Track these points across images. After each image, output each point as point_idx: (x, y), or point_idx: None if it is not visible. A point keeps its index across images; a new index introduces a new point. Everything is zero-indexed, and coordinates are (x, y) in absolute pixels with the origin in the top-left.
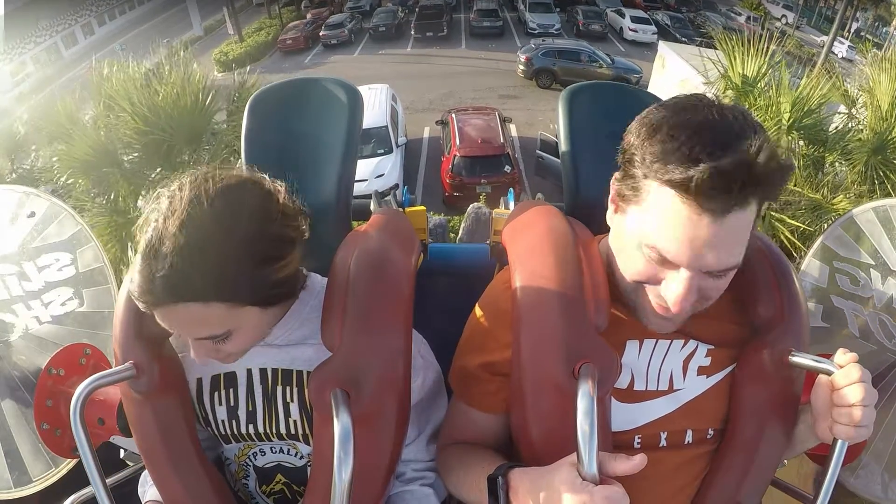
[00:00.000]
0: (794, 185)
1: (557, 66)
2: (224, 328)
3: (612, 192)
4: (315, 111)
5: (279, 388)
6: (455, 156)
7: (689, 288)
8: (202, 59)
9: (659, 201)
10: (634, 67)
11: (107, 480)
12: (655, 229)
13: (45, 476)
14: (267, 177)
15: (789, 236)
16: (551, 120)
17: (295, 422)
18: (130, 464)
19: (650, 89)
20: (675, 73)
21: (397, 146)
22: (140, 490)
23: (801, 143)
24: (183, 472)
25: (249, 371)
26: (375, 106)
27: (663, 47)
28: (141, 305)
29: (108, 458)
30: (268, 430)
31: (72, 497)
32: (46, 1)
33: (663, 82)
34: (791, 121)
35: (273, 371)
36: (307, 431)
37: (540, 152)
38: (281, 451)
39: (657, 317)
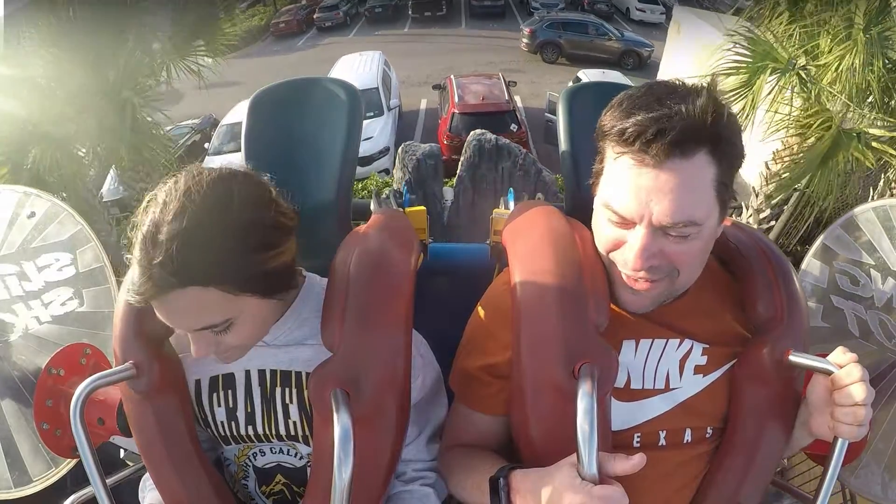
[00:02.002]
0: (875, 112)
1: (563, 38)
2: (223, 316)
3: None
4: (315, 111)
5: (278, 390)
6: (454, 113)
7: (646, 243)
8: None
9: (612, 164)
10: (645, 41)
11: (107, 480)
12: (609, 188)
13: (45, 476)
14: (257, 172)
15: (886, 148)
16: (558, 92)
17: (294, 423)
18: (130, 464)
19: (664, 62)
20: (693, 37)
21: (388, 109)
22: (140, 496)
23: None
24: (183, 471)
25: (248, 372)
26: (366, 69)
27: (679, 12)
28: (138, 298)
29: (108, 458)
30: (267, 432)
31: (72, 497)
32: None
33: (679, 50)
34: (867, 20)
35: (272, 372)
36: (307, 432)
37: (549, 115)
38: (280, 451)
39: (629, 291)
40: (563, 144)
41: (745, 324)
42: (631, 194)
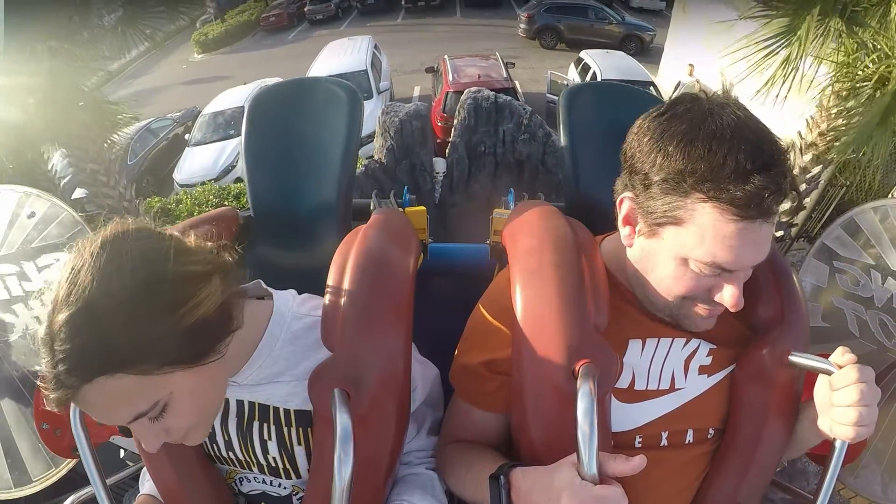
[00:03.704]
0: None
1: (562, 23)
2: (149, 401)
3: (625, 211)
4: (315, 111)
5: (255, 424)
6: (448, 93)
7: (741, 285)
8: (186, 46)
9: (712, 218)
10: (647, 25)
11: (107, 480)
12: (712, 246)
13: (45, 476)
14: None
15: None
16: (560, 72)
17: (274, 458)
18: (130, 464)
19: (669, 42)
20: (700, 15)
21: (378, 93)
22: (140, 488)
23: None
24: (182, 471)
25: (227, 401)
26: (355, 52)
27: None
28: (55, 404)
29: (108, 458)
30: (248, 458)
31: (72, 497)
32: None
33: (685, 31)
34: None
35: (250, 404)
36: (287, 466)
37: (550, 95)
38: (264, 482)
39: (704, 320)
40: (563, 143)
41: (746, 324)
42: (744, 251)
